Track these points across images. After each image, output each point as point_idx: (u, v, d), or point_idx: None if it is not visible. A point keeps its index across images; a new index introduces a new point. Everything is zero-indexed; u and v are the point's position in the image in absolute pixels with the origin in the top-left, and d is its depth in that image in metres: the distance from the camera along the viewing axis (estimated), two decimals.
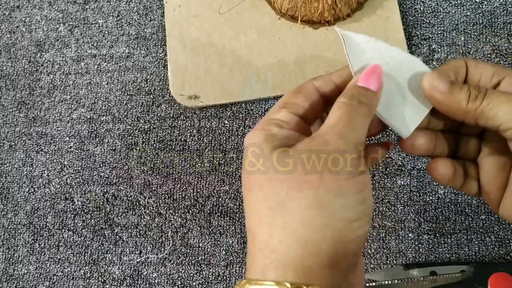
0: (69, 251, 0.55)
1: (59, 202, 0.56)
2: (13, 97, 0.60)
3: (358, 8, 0.56)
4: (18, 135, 0.59)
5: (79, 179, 0.57)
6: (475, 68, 0.30)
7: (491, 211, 0.51)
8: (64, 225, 0.56)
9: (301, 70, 0.55)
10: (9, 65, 0.61)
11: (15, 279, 0.55)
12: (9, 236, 0.56)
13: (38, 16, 0.63)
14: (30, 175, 0.58)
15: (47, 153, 0.58)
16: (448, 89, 0.29)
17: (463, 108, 0.28)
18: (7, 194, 0.58)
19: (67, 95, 0.59)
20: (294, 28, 0.57)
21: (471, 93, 0.28)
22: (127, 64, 0.59)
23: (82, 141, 0.58)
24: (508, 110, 0.26)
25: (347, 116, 0.27)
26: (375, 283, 0.49)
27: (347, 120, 0.27)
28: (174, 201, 0.55)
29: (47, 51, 0.61)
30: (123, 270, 0.54)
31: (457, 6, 0.57)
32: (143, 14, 0.61)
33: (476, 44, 0.55)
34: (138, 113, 0.58)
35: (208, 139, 0.56)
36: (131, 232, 0.55)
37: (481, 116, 0.28)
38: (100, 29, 0.61)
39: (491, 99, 0.27)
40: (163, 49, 0.59)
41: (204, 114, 0.57)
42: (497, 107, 0.27)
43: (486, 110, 0.27)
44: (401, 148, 0.34)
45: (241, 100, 0.56)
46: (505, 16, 0.56)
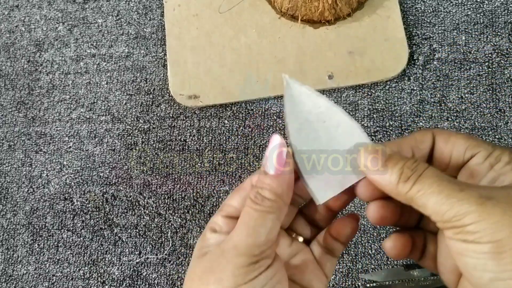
0: (69, 251, 0.55)
1: (58, 202, 0.56)
2: (12, 97, 0.60)
3: (359, 7, 0.56)
4: (17, 135, 0.59)
5: (78, 179, 0.57)
6: (445, 142, 0.27)
7: None
8: (63, 226, 0.56)
9: (301, 70, 0.55)
10: (8, 64, 0.61)
11: (14, 279, 0.55)
12: (8, 236, 0.56)
13: (38, 15, 0.62)
14: (29, 175, 0.57)
15: (46, 153, 0.58)
16: (380, 167, 0.26)
17: (395, 190, 0.25)
18: (6, 194, 0.58)
19: (66, 94, 0.59)
20: (294, 28, 0.57)
21: (403, 173, 0.25)
22: (126, 64, 0.59)
23: (82, 141, 0.58)
24: (436, 202, 0.23)
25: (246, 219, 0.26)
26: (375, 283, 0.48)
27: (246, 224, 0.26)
28: (174, 202, 0.55)
29: (46, 51, 0.61)
30: (123, 271, 0.54)
31: (458, 5, 0.56)
32: (143, 14, 0.61)
33: (477, 43, 0.55)
34: (138, 113, 0.58)
35: (208, 139, 0.56)
36: (131, 233, 0.54)
37: (411, 202, 0.24)
38: (100, 28, 0.61)
39: (423, 185, 0.24)
40: (162, 48, 0.59)
41: (204, 114, 0.57)
42: (425, 197, 0.23)
43: (415, 198, 0.24)
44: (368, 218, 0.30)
45: (241, 100, 0.56)
46: (506, 15, 0.56)
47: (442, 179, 0.24)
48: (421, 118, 0.54)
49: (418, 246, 0.29)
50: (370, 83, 0.55)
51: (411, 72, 0.55)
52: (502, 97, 0.53)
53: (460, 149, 0.27)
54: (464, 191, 0.22)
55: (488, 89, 0.54)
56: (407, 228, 0.30)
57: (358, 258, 0.51)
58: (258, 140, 0.55)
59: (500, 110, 0.53)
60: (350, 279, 0.51)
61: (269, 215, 0.26)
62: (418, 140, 0.28)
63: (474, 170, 0.26)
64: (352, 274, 0.51)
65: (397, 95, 0.55)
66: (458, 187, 0.23)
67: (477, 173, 0.26)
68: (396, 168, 0.25)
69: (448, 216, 0.22)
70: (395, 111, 0.54)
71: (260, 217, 0.26)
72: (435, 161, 0.28)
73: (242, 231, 0.26)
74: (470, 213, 0.22)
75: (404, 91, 0.55)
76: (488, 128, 0.53)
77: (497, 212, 0.21)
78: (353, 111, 0.55)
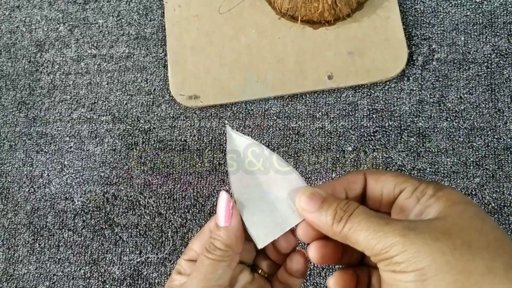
0: (69, 251, 0.55)
1: (59, 202, 0.56)
2: (13, 97, 0.60)
3: (358, 8, 0.56)
4: (18, 135, 0.59)
5: (79, 179, 0.57)
6: (375, 182, 0.29)
7: (491, 211, 0.51)
8: (64, 225, 0.56)
9: (301, 70, 0.55)
10: (9, 65, 0.61)
11: (15, 279, 0.55)
12: (9, 236, 0.57)
13: (38, 16, 0.63)
14: (30, 175, 0.58)
15: (47, 153, 0.58)
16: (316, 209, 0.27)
17: (330, 230, 0.26)
18: (7, 194, 0.58)
19: (67, 95, 0.59)
20: (294, 28, 0.57)
21: (336, 214, 0.26)
22: (127, 64, 0.59)
23: (82, 141, 0.58)
24: (365, 237, 0.24)
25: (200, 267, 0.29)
26: None
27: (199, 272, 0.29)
28: (174, 201, 0.55)
29: (47, 51, 0.61)
30: (123, 270, 0.54)
31: (457, 6, 0.57)
32: (143, 14, 0.61)
33: (476, 44, 0.55)
34: (138, 113, 0.58)
35: (208, 139, 0.56)
36: (131, 232, 0.55)
37: (346, 240, 0.26)
38: (100, 29, 0.61)
39: (353, 223, 0.25)
40: (163, 49, 0.59)
41: (204, 114, 0.57)
42: (356, 234, 0.25)
43: (348, 235, 0.25)
44: None
45: (241, 100, 0.56)
46: (505, 16, 0.56)
47: (370, 216, 0.25)
48: (420, 118, 0.54)
49: (363, 282, 0.30)
50: (370, 83, 0.55)
51: (410, 72, 0.55)
52: (501, 97, 0.54)
53: (389, 186, 0.28)
54: (389, 225, 0.24)
55: (487, 89, 0.54)
56: (351, 265, 0.31)
57: None
58: (258, 140, 0.55)
59: (499, 110, 0.53)
60: None
61: (220, 263, 0.29)
62: (351, 181, 0.30)
63: (403, 205, 0.27)
64: None
65: (396, 95, 0.55)
66: (384, 221, 0.24)
67: (406, 207, 0.27)
68: (330, 209, 0.27)
69: (377, 249, 0.24)
70: (395, 111, 0.55)
71: (211, 265, 0.29)
72: (368, 199, 0.29)
73: (195, 277, 0.29)
74: (395, 244, 0.23)
75: (404, 91, 0.55)
76: (487, 128, 0.53)
77: (419, 242, 0.23)
78: (353, 111, 0.55)
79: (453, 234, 0.23)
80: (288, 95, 0.56)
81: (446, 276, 0.22)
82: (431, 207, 0.26)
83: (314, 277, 0.51)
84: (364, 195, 0.30)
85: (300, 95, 0.56)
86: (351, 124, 0.55)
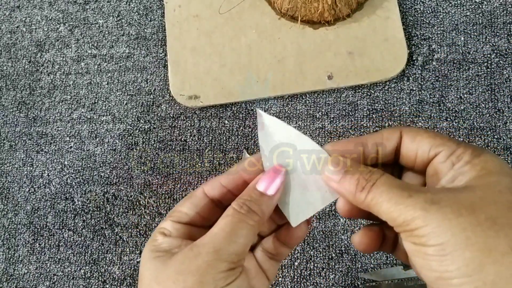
0: (70, 251, 0.55)
1: (59, 202, 0.56)
2: (14, 97, 0.60)
3: (358, 8, 0.57)
4: (19, 135, 0.59)
5: (79, 179, 0.57)
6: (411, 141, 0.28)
7: None
8: (64, 225, 0.56)
9: (301, 70, 0.55)
10: (9, 65, 0.62)
11: (15, 279, 0.55)
12: (10, 236, 0.57)
13: (39, 16, 0.63)
14: (31, 175, 0.58)
15: (47, 153, 0.58)
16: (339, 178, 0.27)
17: (353, 199, 0.26)
18: (8, 194, 0.58)
19: (67, 95, 0.59)
20: (294, 28, 0.57)
21: (359, 183, 0.26)
22: (127, 64, 0.59)
23: (83, 141, 0.58)
24: (387, 209, 0.24)
25: (230, 226, 0.27)
26: (375, 283, 0.49)
27: (229, 232, 0.27)
28: (174, 201, 0.55)
29: (48, 51, 0.61)
30: (123, 270, 0.54)
31: (457, 6, 0.57)
32: (143, 14, 0.61)
33: (476, 44, 0.55)
34: (138, 113, 0.58)
35: (208, 139, 0.56)
36: (131, 232, 0.55)
37: (369, 209, 0.26)
38: (101, 29, 0.61)
39: (375, 194, 0.25)
40: (163, 49, 0.59)
41: (204, 114, 0.57)
42: (378, 205, 0.25)
43: (371, 205, 0.25)
44: None
45: (241, 100, 0.56)
46: (505, 16, 0.56)
47: (392, 187, 0.25)
48: (420, 118, 0.54)
49: (389, 240, 0.30)
50: (370, 83, 0.55)
51: (410, 72, 0.55)
52: (500, 97, 0.54)
53: (425, 147, 0.27)
54: (411, 197, 0.24)
55: (487, 90, 0.54)
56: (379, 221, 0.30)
57: (357, 257, 0.51)
58: (258, 140, 0.56)
59: (499, 110, 0.53)
60: (349, 278, 0.51)
61: (252, 228, 0.28)
62: (385, 137, 0.29)
63: (437, 169, 0.27)
64: (351, 274, 0.51)
65: (396, 95, 0.55)
66: (407, 193, 0.24)
67: (439, 171, 0.27)
68: (353, 178, 0.26)
69: (398, 221, 0.24)
70: (394, 111, 0.55)
71: (244, 228, 0.27)
72: (402, 157, 0.29)
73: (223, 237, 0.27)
74: (415, 218, 0.23)
75: (403, 92, 0.55)
76: (487, 128, 0.53)
77: (440, 217, 0.22)
78: (353, 111, 0.55)
79: (478, 209, 0.22)
80: (288, 95, 0.56)
81: (464, 253, 0.21)
82: (464, 175, 0.25)
83: (314, 277, 0.51)
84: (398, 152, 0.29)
85: (300, 95, 0.56)
86: (351, 124, 0.55)
